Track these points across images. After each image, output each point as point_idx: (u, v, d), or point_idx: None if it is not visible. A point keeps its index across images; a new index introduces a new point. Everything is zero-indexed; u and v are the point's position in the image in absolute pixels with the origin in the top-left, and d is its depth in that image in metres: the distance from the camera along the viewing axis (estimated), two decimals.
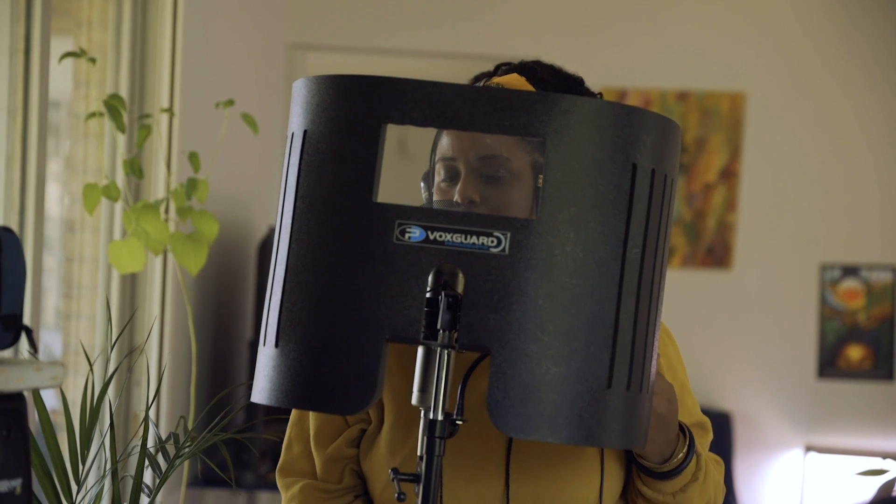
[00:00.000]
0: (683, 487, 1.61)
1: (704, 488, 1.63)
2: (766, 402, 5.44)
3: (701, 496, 1.63)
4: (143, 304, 3.42)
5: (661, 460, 1.59)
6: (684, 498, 1.62)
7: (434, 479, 1.43)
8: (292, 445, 1.75)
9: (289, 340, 1.41)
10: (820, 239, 5.47)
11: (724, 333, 5.49)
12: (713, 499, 1.66)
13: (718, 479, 1.69)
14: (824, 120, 5.50)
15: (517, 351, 1.34)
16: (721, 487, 1.70)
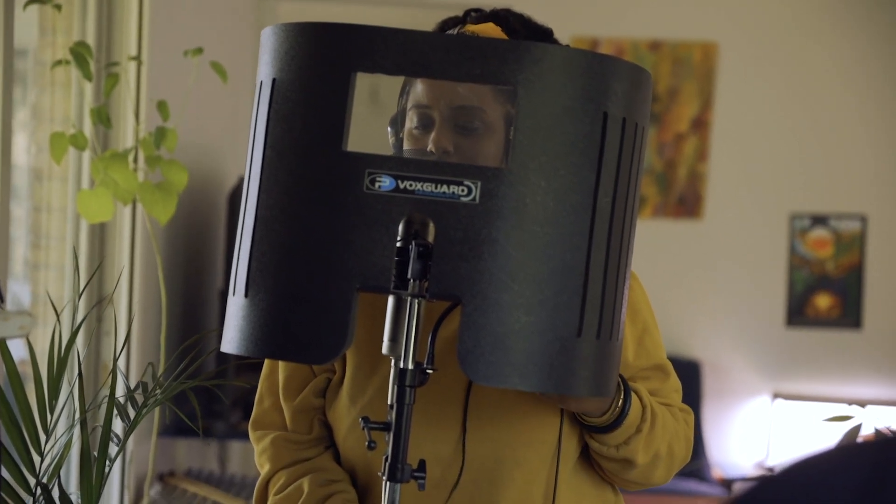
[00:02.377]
0: (626, 440, 1.62)
1: (650, 440, 1.63)
2: (735, 350, 5.48)
3: (647, 448, 1.63)
4: (111, 253, 3.39)
5: (598, 413, 1.59)
6: (628, 450, 1.62)
7: (404, 428, 1.43)
8: (263, 399, 1.75)
9: (258, 290, 1.40)
10: (790, 188, 5.49)
11: (695, 283, 5.52)
12: (667, 449, 1.66)
13: (677, 429, 1.69)
14: (795, 70, 5.51)
15: (488, 300, 1.34)
16: (681, 437, 1.70)
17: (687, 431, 1.72)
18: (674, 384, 1.74)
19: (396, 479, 1.44)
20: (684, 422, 1.72)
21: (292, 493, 1.68)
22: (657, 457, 1.65)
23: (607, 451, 1.63)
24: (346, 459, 1.71)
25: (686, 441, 1.71)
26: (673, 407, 1.72)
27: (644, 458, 1.63)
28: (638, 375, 1.70)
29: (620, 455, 1.62)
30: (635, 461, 1.63)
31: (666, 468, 1.68)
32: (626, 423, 1.59)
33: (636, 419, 1.61)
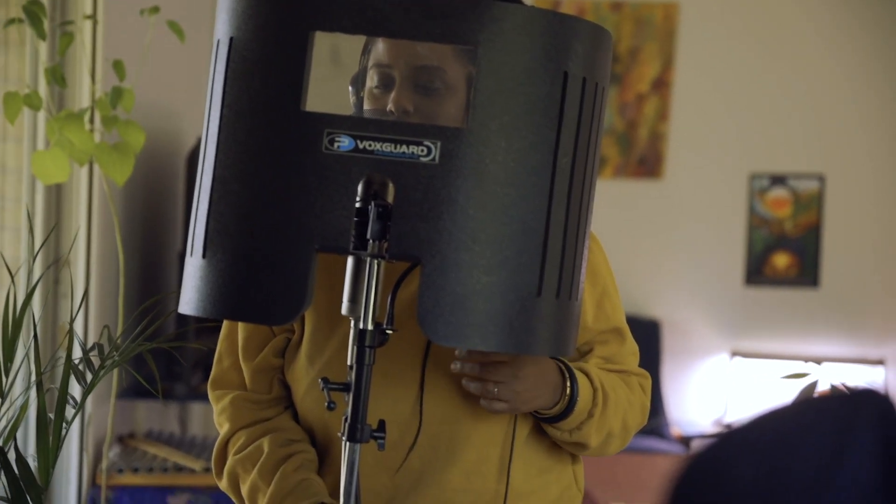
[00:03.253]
0: (579, 425, 1.63)
1: (602, 421, 1.64)
2: (695, 309, 5.52)
3: (599, 430, 1.65)
4: (68, 215, 3.36)
5: (548, 407, 1.61)
6: (580, 435, 1.64)
7: (364, 389, 1.43)
8: (223, 359, 1.74)
9: (216, 251, 1.39)
10: (749, 148, 5.52)
11: (655, 242, 5.55)
12: (621, 425, 1.68)
13: (631, 400, 1.70)
14: (756, 31, 5.52)
15: (447, 260, 1.33)
16: (636, 406, 1.71)
17: (643, 398, 1.73)
18: (630, 347, 1.75)
19: (356, 440, 1.44)
20: (640, 387, 1.74)
21: (252, 452, 1.67)
22: (610, 435, 1.67)
23: (560, 435, 1.64)
24: (304, 419, 1.71)
25: (641, 408, 1.73)
26: (629, 373, 1.73)
27: (597, 440, 1.65)
28: (596, 339, 1.71)
29: (573, 439, 1.64)
30: (588, 444, 1.65)
31: (620, 441, 1.70)
32: (576, 410, 1.60)
33: (587, 405, 1.62)
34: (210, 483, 3.40)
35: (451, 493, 1.63)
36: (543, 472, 1.70)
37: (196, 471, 3.48)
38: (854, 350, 5.39)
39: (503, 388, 1.56)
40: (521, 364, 1.56)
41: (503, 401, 1.57)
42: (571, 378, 1.60)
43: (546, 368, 1.59)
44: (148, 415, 4.10)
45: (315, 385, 1.65)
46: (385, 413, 1.55)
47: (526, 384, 1.57)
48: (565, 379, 1.60)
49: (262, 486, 1.64)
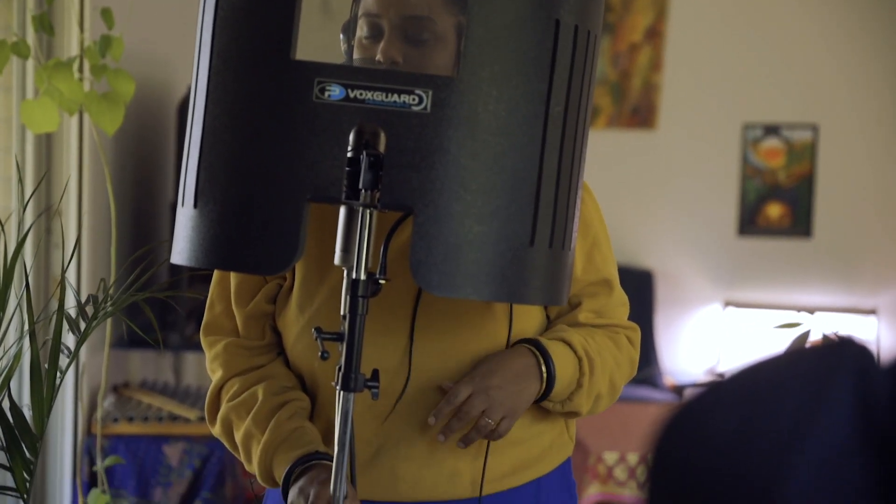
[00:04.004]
0: (569, 396, 1.65)
1: (591, 388, 1.66)
2: (688, 259, 5.53)
3: (588, 396, 1.67)
4: (58, 165, 3.35)
5: (540, 385, 1.63)
6: (571, 405, 1.66)
7: (357, 338, 1.43)
8: (214, 305, 1.74)
9: (207, 201, 1.38)
10: (743, 98, 5.50)
11: (648, 193, 5.55)
12: (608, 386, 1.69)
13: (619, 358, 1.72)
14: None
15: (440, 210, 1.33)
16: (623, 364, 1.73)
17: (631, 352, 1.74)
18: (620, 298, 1.76)
19: (350, 389, 1.44)
20: (627, 342, 1.74)
21: (247, 399, 1.68)
22: (598, 397, 1.69)
23: (552, 407, 1.67)
24: (294, 365, 1.72)
25: (630, 363, 1.74)
26: (617, 327, 1.73)
27: (587, 406, 1.68)
28: (585, 291, 1.72)
29: (565, 409, 1.67)
30: (580, 411, 1.68)
31: (608, 399, 1.72)
32: (560, 383, 1.62)
33: (573, 375, 1.63)
34: (205, 432, 3.42)
35: (440, 442, 1.64)
36: (536, 420, 1.71)
37: (191, 420, 3.50)
38: (846, 300, 5.41)
39: (490, 412, 1.58)
40: (485, 380, 1.58)
41: (502, 419, 1.59)
42: (545, 357, 1.61)
43: (515, 362, 1.61)
44: (142, 364, 4.11)
45: (305, 332, 1.65)
46: (374, 361, 1.55)
47: (506, 391, 1.59)
48: (539, 360, 1.61)
49: (256, 433, 1.65)
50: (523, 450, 1.70)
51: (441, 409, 1.58)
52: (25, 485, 1.86)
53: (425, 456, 1.64)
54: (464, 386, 1.58)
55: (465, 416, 1.58)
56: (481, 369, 1.59)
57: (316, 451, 1.60)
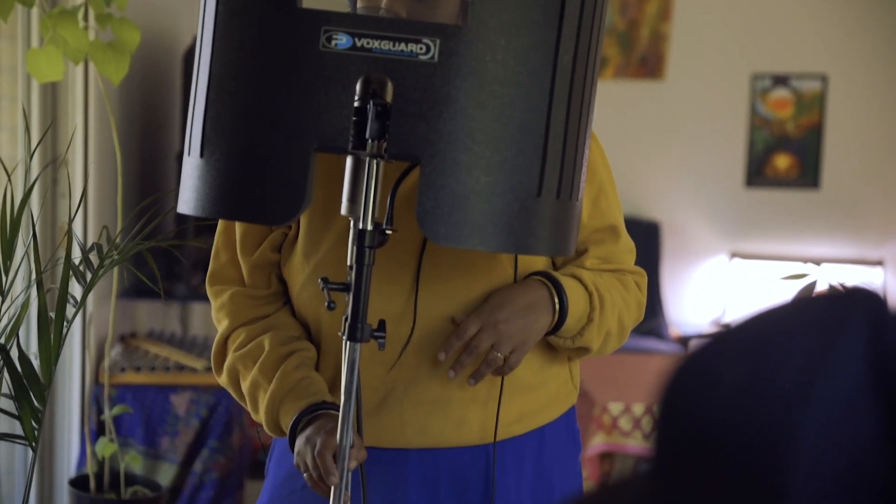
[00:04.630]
0: (580, 331, 1.64)
1: (602, 322, 1.66)
2: (695, 211, 5.52)
3: (599, 332, 1.66)
4: (64, 114, 3.33)
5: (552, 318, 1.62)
6: (582, 340, 1.66)
7: (364, 289, 1.43)
8: (220, 254, 1.74)
9: (214, 150, 1.38)
10: (751, 48, 5.46)
11: (655, 143, 5.52)
12: (617, 325, 1.69)
13: (627, 299, 1.71)
14: None
15: (447, 160, 1.33)
16: (632, 305, 1.72)
17: (638, 295, 1.74)
18: (626, 244, 1.75)
19: (356, 339, 1.44)
20: (635, 285, 1.74)
21: (253, 349, 1.68)
22: (608, 335, 1.68)
23: (563, 343, 1.66)
24: (299, 314, 1.72)
25: (638, 306, 1.74)
26: (625, 272, 1.73)
27: (598, 343, 1.67)
28: (591, 238, 1.71)
29: (576, 345, 1.66)
30: (591, 347, 1.66)
31: (617, 340, 1.71)
32: (573, 316, 1.61)
33: (584, 309, 1.63)
34: (212, 382, 3.44)
35: (447, 389, 1.64)
36: (542, 368, 1.71)
37: (198, 370, 3.51)
38: (853, 251, 5.40)
39: (500, 346, 1.58)
40: (494, 314, 1.57)
41: (512, 352, 1.58)
42: (558, 289, 1.61)
43: (526, 295, 1.60)
44: (149, 315, 4.13)
45: (311, 281, 1.65)
46: (380, 310, 1.56)
47: (515, 324, 1.58)
48: (552, 292, 1.61)
49: (262, 383, 1.66)
50: (529, 398, 1.71)
51: (450, 344, 1.58)
52: (34, 433, 1.87)
53: (432, 403, 1.65)
54: (473, 321, 1.58)
55: (474, 350, 1.58)
56: (491, 303, 1.59)
57: (322, 401, 1.61)
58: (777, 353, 0.50)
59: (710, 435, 0.51)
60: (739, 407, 0.50)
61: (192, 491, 3.45)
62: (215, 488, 3.46)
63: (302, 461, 1.55)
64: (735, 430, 0.50)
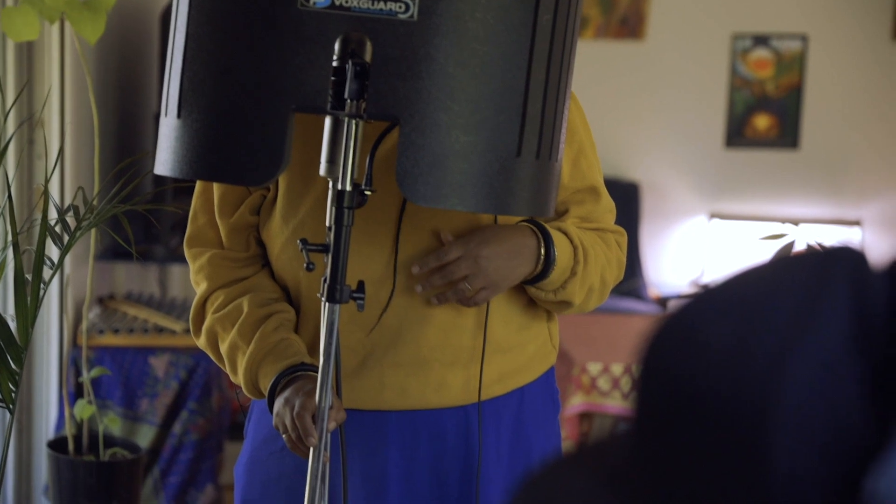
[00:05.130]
0: (563, 284, 1.64)
1: (585, 277, 1.65)
2: (674, 171, 5.52)
3: (582, 287, 1.66)
4: (40, 74, 3.30)
5: (533, 269, 1.61)
6: (565, 293, 1.65)
7: (343, 250, 1.43)
8: (198, 216, 1.73)
9: (191, 110, 1.37)
10: (732, 8, 5.44)
11: (635, 104, 5.51)
12: (600, 281, 1.68)
13: (609, 256, 1.71)
14: None
15: (426, 120, 1.32)
16: (613, 262, 1.72)
17: (619, 255, 1.74)
18: (607, 205, 1.75)
19: (335, 300, 1.44)
20: (616, 244, 1.74)
21: (232, 311, 1.68)
22: (591, 290, 1.68)
23: (545, 295, 1.65)
24: (278, 277, 1.71)
25: (618, 264, 1.74)
26: (605, 231, 1.73)
27: (580, 297, 1.66)
28: (572, 199, 1.71)
29: (558, 298, 1.65)
30: (573, 301, 1.66)
31: (599, 296, 1.71)
32: (557, 268, 1.61)
33: (569, 262, 1.62)
34: (191, 344, 3.43)
35: (427, 350, 1.64)
36: (522, 329, 1.71)
37: (176, 332, 3.50)
38: (832, 211, 5.42)
39: (473, 279, 1.57)
40: (479, 248, 1.57)
41: (482, 289, 1.58)
42: (546, 239, 1.60)
43: (514, 238, 1.59)
44: (127, 277, 4.11)
45: (290, 243, 1.64)
46: (359, 272, 1.55)
47: (492, 262, 1.58)
48: (539, 242, 1.60)
49: (241, 345, 1.65)
50: (508, 359, 1.71)
51: (427, 262, 1.58)
52: (11, 395, 1.86)
53: (412, 365, 1.65)
54: (456, 247, 1.57)
55: (448, 274, 1.58)
56: (479, 235, 1.58)
57: (301, 363, 1.60)
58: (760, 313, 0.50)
59: (692, 394, 0.51)
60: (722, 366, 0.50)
61: (172, 452, 3.45)
62: (194, 450, 3.46)
63: (281, 422, 1.54)
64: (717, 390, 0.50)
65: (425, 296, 1.63)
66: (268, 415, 1.61)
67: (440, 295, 1.60)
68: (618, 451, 0.58)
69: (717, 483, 0.50)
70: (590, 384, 3.81)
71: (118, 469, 3.02)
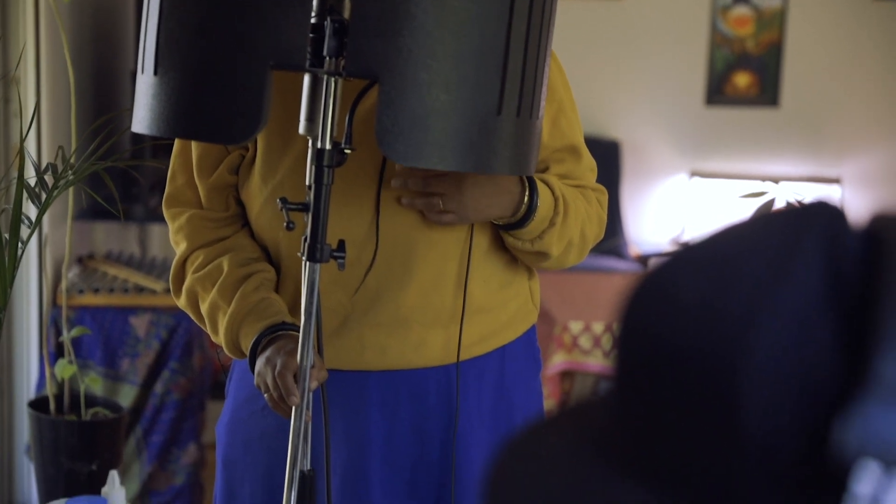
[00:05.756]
0: (540, 234, 1.63)
1: (563, 230, 1.65)
2: (655, 129, 5.52)
3: (560, 239, 1.65)
4: (14, 31, 3.26)
5: (507, 215, 1.60)
6: (542, 244, 1.64)
7: (323, 209, 1.42)
8: (177, 176, 1.72)
9: (168, 68, 1.35)
10: None
11: (616, 62, 5.50)
12: (580, 235, 1.68)
13: (590, 212, 1.70)
14: None
15: (406, 78, 1.31)
16: (593, 218, 1.71)
17: (600, 212, 1.74)
18: (588, 163, 1.74)
19: (316, 259, 1.44)
20: (597, 202, 1.74)
21: (212, 271, 1.67)
22: (570, 244, 1.67)
23: (522, 245, 1.64)
24: (258, 237, 1.71)
25: (599, 221, 1.73)
26: (586, 188, 1.73)
27: (558, 249, 1.65)
28: (552, 157, 1.70)
29: (535, 248, 1.64)
30: (550, 253, 1.65)
31: (578, 251, 1.71)
32: (536, 218, 1.60)
33: (548, 213, 1.62)
34: (171, 304, 3.42)
35: (407, 310, 1.64)
36: (503, 288, 1.71)
37: (157, 292, 3.49)
38: (812, 169, 5.43)
39: (447, 199, 1.56)
40: (465, 176, 1.56)
41: (449, 212, 1.57)
42: (531, 187, 1.60)
43: (502, 181, 1.58)
44: (107, 236, 4.09)
45: (269, 203, 1.64)
46: (341, 233, 1.55)
47: (473, 193, 1.56)
48: (524, 188, 1.59)
49: (222, 305, 1.65)
50: (490, 318, 1.71)
51: (413, 175, 1.56)
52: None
53: (392, 325, 1.65)
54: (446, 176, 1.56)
55: (426, 185, 1.56)
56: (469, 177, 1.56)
57: (282, 322, 1.60)
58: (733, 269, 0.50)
59: (669, 352, 0.51)
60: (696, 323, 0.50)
61: (154, 412, 3.45)
62: (176, 409, 3.46)
63: (262, 382, 1.54)
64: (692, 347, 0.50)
65: (405, 256, 1.62)
66: (249, 374, 1.61)
67: (408, 199, 1.59)
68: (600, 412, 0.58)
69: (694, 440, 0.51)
70: (571, 343, 3.82)
71: (100, 428, 3.02)
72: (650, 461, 0.52)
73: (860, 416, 0.46)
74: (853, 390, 0.47)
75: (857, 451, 0.46)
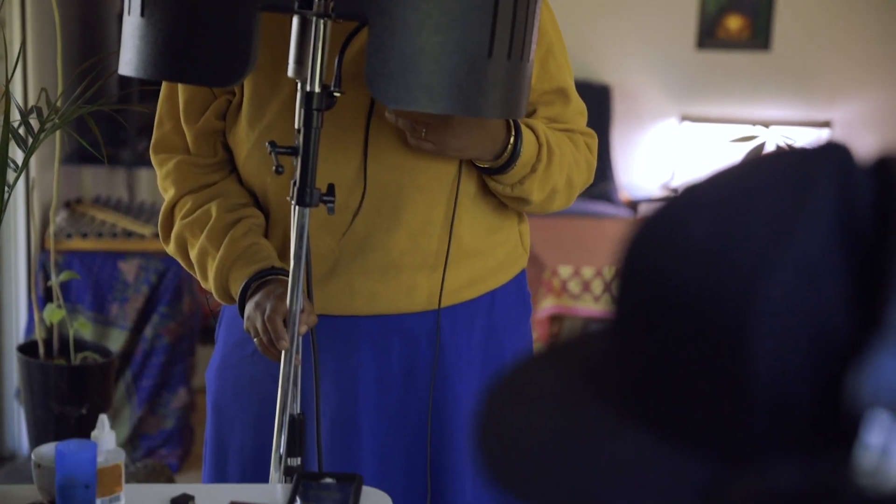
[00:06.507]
0: (521, 179, 1.62)
1: (546, 177, 1.63)
2: (645, 73, 5.49)
3: (542, 186, 1.63)
4: None
5: (489, 158, 1.59)
6: (522, 189, 1.63)
7: (312, 152, 1.41)
8: (164, 122, 1.70)
9: (155, 9, 1.33)
10: None
11: (607, 6, 5.45)
12: (565, 181, 1.66)
13: (577, 158, 1.69)
14: None
15: (396, 20, 1.29)
16: (581, 164, 1.70)
17: (588, 156, 1.72)
18: (577, 107, 1.73)
19: (305, 203, 1.43)
20: (586, 146, 1.72)
21: (200, 216, 1.66)
22: (554, 191, 1.66)
23: (502, 189, 1.63)
24: (246, 183, 1.70)
25: (587, 166, 1.72)
26: (575, 133, 1.71)
27: (540, 196, 1.64)
28: (540, 100, 1.69)
29: (515, 194, 1.63)
30: (530, 199, 1.64)
31: (565, 197, 1.69)
32: (518, 164, 1.59)
33: (530, 159, 1.60)
34: (160, 248, 3.40)
35: (396, 255, 1.64)
36: (492, 233, 1.71)
37: (146, 236, 3.48)
38: (802, 113, 5.42)
39: (431, 130, 1.54)
40: (451, 119, 1.54)
41: (426, 142, 1.55)
42: (517, 133, 1.58)
43: (489, 124, 1.56)
44: (95, 181, 4.07)
45: (257, 148, 1.62)
46: (329, 178, 1.53)
47: (457, 131, 1.54)
48: (510, 133, 1.58)
49: (211, 250, 1.64)
50: (479, 263, 1.70)
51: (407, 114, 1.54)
52: None
53: (381, 270, 1.64)
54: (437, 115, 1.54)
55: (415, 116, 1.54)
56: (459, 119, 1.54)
57: (272, 267, 1.60)
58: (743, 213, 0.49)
59: (673, 295, 0.50)
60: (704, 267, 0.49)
61: (143, 356, 3.45)
62: (166, 353, 3.46)
63: (252, 326, 1.54)
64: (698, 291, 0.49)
65: (394, 201, 1.61)
66: (238, 319, 1.61)
67: (392, 115, 1.56)
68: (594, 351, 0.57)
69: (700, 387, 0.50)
70: (560, 287, 3.83)
71: (90, 373, 3.02)
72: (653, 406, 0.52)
73: (873, 366, 0.45)
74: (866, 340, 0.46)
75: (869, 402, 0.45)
